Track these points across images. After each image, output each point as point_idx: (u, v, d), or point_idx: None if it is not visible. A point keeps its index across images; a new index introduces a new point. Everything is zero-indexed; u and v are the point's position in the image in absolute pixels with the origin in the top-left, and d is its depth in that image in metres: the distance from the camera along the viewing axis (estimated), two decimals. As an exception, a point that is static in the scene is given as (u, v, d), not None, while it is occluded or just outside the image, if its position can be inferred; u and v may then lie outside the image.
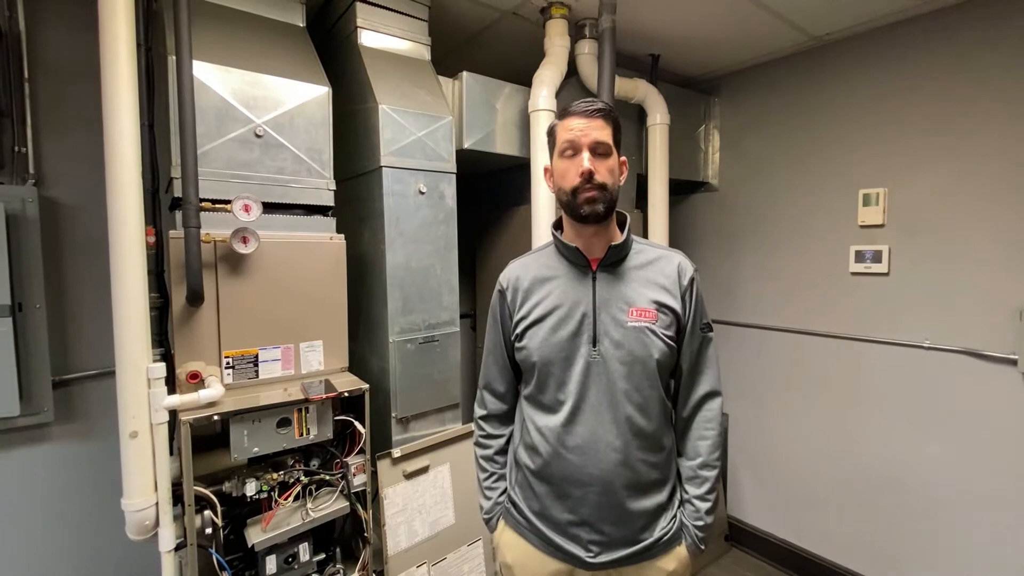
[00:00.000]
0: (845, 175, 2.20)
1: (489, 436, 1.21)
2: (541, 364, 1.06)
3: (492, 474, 1.20)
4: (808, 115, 2.31)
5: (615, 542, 1.03)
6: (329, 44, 1.86)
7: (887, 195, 2.07)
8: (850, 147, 2.18)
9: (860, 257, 2.15)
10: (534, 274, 1.12)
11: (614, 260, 1.07)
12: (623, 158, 1.08)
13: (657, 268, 1.08)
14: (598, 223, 1.04)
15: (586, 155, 1.01)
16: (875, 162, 2.10)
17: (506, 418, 1.21)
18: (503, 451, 1.20)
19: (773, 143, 2.45)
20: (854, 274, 2.17)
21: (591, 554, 1.04)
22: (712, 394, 1.10)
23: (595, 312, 1.04)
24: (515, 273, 1.15)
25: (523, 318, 1.10)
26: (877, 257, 2.10)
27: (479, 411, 1.24)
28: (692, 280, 1.07)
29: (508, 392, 1.20)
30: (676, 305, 1.05)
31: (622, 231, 1.09)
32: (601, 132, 1.02)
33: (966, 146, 1.87)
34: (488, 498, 1.19)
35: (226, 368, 1.36)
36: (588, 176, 1.00)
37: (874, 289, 2.12)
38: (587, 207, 1.01)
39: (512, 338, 1.13)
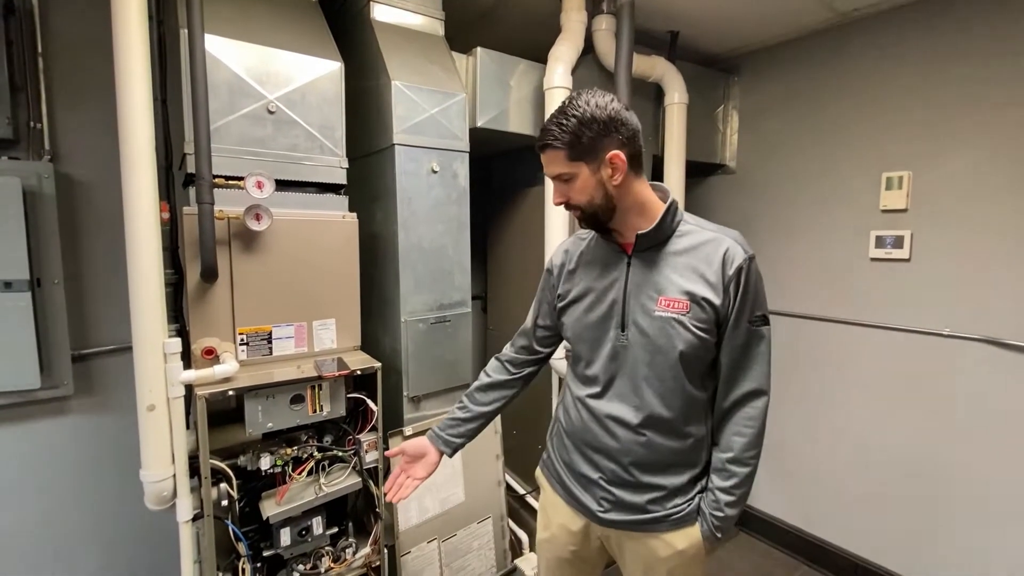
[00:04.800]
0: (868, 158, 2.13)
1: (486, 372, 1.29)
2: (574, 341, 1.14)
3: (462, 407, 1.25)
4: (831, 95, 2.24)
5: (624, 505, 1.08)
6: (341, 19, 1.83)
7: (911, 178, 2.01)
8: (874, 129, 2.11)
9: (881, 243, 2.10)
10: (581, 253, 1.16)
11: (650, 245, 1.03)
12: (611, 153, 0.96)
13: (701, 254, 1.00)
14: (598, 229, 1.07)
15: (552, 188, 1.05)
16: (900, 144, 2.04)
17: (505, 371, 1.27)
18: (484, 390, 1.26)
19: (793, 124, 2.38)
20: (874, 260, 2.13)
21: (602, 509, 1.10)
22: (756, 393, 1.02)
23: (625, 298, 1.04)
24: (564, 247, 1.21)
25: (562, 295, 1.16)
26: (898, 243, 2.05)
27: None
28: (740, 269, 0.97)
29: (521, 352, 1.27)
30: (714, 297, 0.97)
31: (669, 212, 1.02)
32: (554, 165, 1.00)
33: (997, 126, 1.80)
34: (438, 424, 1.25)
35: (240, 344, 1.38)
36: (564, 205, 1.04)
37: (894, 276, 2.08)
38: (580, 223, 1.08)
39: (556, 312, 1.19)
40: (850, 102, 2.18)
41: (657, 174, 2.31)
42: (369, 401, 1.46)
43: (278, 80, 1.41)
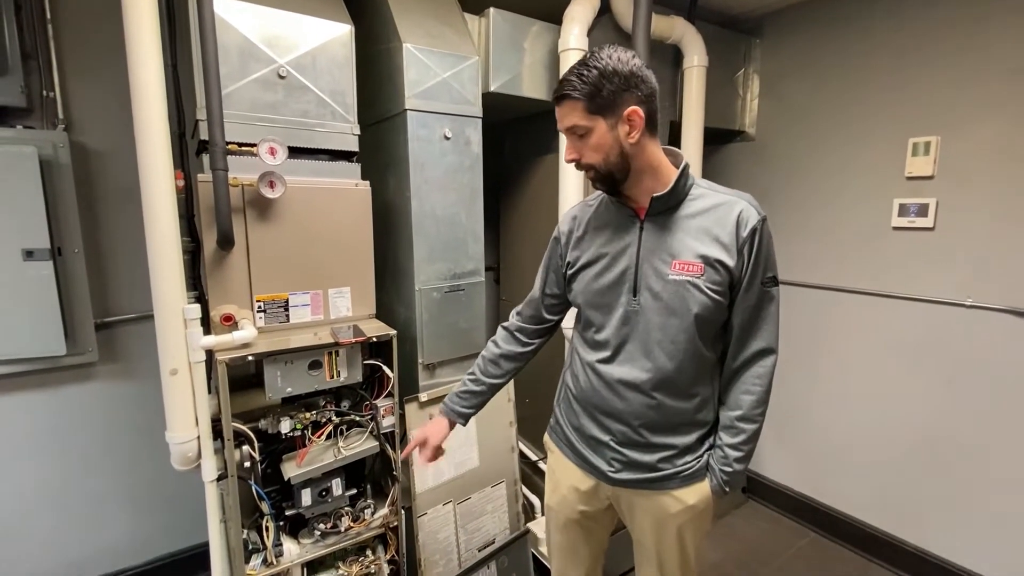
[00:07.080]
0: (894, 123, 2.06)
1: (495, 343, 1.32)
2: (584, 307, 1.14)
3: (474, 379, 1.29)
4: (857, 57, 2.14)
5: (635, 464, 1.10)
6: (350, -20, 1.78)
7: (939, 144, 1.94)
8: (902, 91, 2.03)
9: (904, 211, 2.04)
10: (589, 219, 1.15)
11: (663, 209, 1.03)
12: (630, 109, 0.94)
13: (714, 217, 1.00)
14: (611, 192, 1.06)
15: (565, 143, 1.04)
16: (929, 107, 1.96)
17: (515, 341, 1.30)
18: (494, 362, 1.29)
19: (817, 88, 2.30)
20: (896, 228, 2.08)
21: (613, 469, 1.12)
22: (765, 351, 1.05)
23: (638, 263, 1.04)
24: (572, 213, 1.21)
25: (572, 262, 1.15)
26: (923, 211, 1.99)
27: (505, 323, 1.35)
28: (754, 231, 0.99)
29: (529, 321, 1.30)
30: (728, 259, 0.98)
31: (682, 176, 1.02)
32: (570, 116, 0.98)
33: (1034, 88, 1.72)
34: (451, 397, 1.30)
35: (258, 312, 1.39)
36: (575, 163, 1.03)
37: (916, 245, 2.03)
38: (593, 184, 1.05)
39: (564, 280, 1.19)
40: (877, 63, 2.09)
41: (674, 141, 2.25)
42: (385, 368, 1.47)
43: (288, 44, 1.38)
